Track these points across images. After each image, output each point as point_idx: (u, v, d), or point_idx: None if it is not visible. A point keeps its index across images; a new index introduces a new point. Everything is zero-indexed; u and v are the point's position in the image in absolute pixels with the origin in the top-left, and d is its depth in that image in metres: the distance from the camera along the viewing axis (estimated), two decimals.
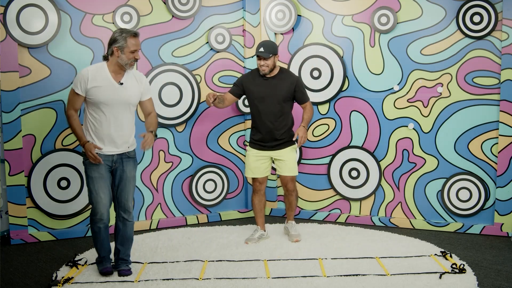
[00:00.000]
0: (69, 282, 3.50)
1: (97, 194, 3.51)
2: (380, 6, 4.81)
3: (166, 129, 4.96)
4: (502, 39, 4.47)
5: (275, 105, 4.26)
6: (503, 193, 4.56)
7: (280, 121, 4.29)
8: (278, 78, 4.29)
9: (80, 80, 3.45)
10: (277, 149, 4.34)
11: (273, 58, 4.21)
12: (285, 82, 4.28)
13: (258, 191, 4.47)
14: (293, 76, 4.35)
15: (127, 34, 3.46)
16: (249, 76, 4.41)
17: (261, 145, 4.35)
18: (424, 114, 4.78)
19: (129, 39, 3.45)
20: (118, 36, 3.46)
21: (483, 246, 4.31)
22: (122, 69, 3.52)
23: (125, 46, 3.44)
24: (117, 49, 3.45)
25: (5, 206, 4.58)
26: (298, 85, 4.30)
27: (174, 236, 4.57)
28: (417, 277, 3.57)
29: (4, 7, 4.31)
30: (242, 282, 3.49)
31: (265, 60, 4.18)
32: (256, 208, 4.51)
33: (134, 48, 3.47)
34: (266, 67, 4.20)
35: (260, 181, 4.43)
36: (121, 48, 3.44)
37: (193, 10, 4.92)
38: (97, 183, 3.51)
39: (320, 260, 3.89)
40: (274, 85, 4.27)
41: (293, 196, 4.52)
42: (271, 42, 4.29)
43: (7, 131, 4.40)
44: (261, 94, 4.28)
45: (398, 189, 4.93)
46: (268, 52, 4.16)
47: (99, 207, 3.53)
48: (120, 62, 3.48)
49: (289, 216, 4.60)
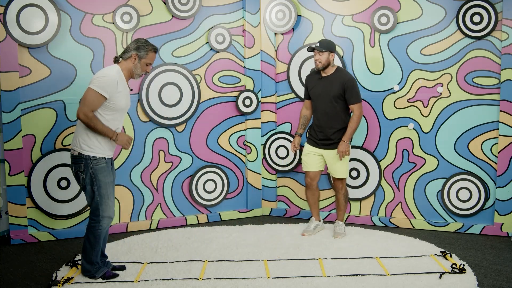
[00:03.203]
0: (69, 282, 3.50)
1: (108, 198, 3.51)
2: (380, 6, 4.81)
3: (166, 129, 4.96)
4: (502, 39, 4.47)
5: (328, 103, 4.38)
6: (503, 193, 4.56)
7: (332, 119, 4.39)
8: (332, 77, 4.39)
9: (109, 84, 3.37)
10: (328, 149, 4.45)
11: (327, 55, 4.31)
12: (337, 80, 4.37)
13: (310, 186, 4.61)
14: (346, 76, 4.40)
15: (151, 47, 3.53)
16: (310, 75, 4.59)
17: (314, 141, 4.50)
18: (424, 114, 4.78)
19: (150, 52, 3.53)
20: (141, 45, 3.50)
21: (483, 246, 4.31)
22: (131, 77, 3.56)
23: (144, 56, 3.50)
24: (136, 57, 3.48)
25: (5, 206, 4.58)
26: (348, 84, 4.34)
27: (174, 236, 4.57)
28: (417, 277, 3.57)
29: (4, 7, 4.31)
30: (242, 282, 3.49)
31: (319, 55, 4.30)
32: (310, 201, 4.68)
33: (150, 62, 3.55)
34: (319, 63, 4.33)
35: (312, 177, 4.56)
36: (140, 57, 3.49)
37: (193, 10, 4.92)
38: (109, 188, 3.51)
39: (320, 260, 3.89)
40: (328, 83, 4.38)
41: (341, 195, 4.58)
42: (328, 40, 4.39)
43: (7, 131, 4.41)
44: (317, 92, 4.43)
45: (398, 189, 4.94)
46: (322, 46, 4.29)
47: (111, 210, 3.53)
48: (133, 70, 3.51)
49: (337, 215, 4.67)
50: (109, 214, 3.53)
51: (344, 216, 4.68)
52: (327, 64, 4.34)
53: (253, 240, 4.42)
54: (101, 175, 3.46)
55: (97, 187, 3.46)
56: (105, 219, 3.53)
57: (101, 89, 3.34)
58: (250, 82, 5.19)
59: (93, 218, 3.54)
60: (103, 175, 3.47)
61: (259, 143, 5.29)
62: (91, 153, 3.43)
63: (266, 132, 5.31)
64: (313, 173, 4.55)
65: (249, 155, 5.28)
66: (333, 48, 4.34)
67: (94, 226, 3.53)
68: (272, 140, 5.30)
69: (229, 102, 5.18)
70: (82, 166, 3.44)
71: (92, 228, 3.54)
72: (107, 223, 3.57)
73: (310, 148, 4.54)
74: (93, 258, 3.56)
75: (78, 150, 3.44)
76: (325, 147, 4.45)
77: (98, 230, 3.53)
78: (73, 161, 3.49)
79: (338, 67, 4.45)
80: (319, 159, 4.52)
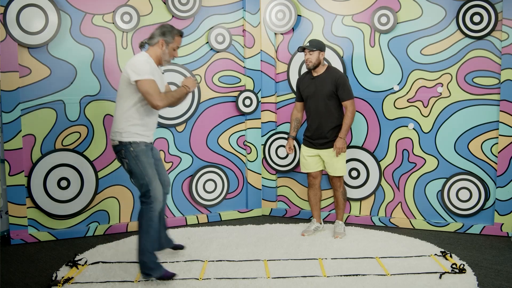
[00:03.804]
0: (69, 282, 3.50)
1: (155, 179, 3.49)
2: (380, 6, 4.81)
3: (166, 129, 4.96)
4: (502, 39, 4.47)
5: (321, 102, 4.40)
6: (503, 193, 4.56)
7: (326, 118, 4.41)
8: (324, 76, 4.42)
9: (151, 70, 3.41)
10: (324, 148, 4.46)
11: (318, 54, 4.35)
12: (329, 79, 4.40)
13: (312, 185, 4.62)
14: (337, 73, 4.44)
15: (176, 32, 3.57)
16: (301, 76, 4.61)
17: (310, 142, 4.52)
18: (424, 114, 4.78)
19: (177, 37, 3.56)
20: (167, 31, 3.53)
21: (483, 246, 4.31)
22: (159, 63, 3.58)
23: (171, 42, 3.54)
24: (163, 42, 3.52)
25: (5, 206, 4.58)
26: (340, 81, 4.38)
27: (174, 236, 4.56)
28: (417, 277, 3.56)
29: (4, 7, 4.31)
30: (242, 282, 3.49)
31: (309, 54, 4.33)
32: (311, 201, 4.67)
33: (177, 45, 3.58)
34: (310, 62, 4.36)
35: (314, 175, 4.58)
36: (167, 43, 3.53)
37: (193, 10, 4.92)
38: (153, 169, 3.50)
39: (320, 260, 3.89)
40: (320, 83, 4.41)
41: (339, 193, 4.59)
42: (318, 39, 4.42)
43: (7, 131, 4.41)
44: (310, 92, 4.45)
45: (398, 189, 4.93)
46: (313, 46, 4.32)
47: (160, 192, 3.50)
48: (162, 57, 3.54)
49: (336, 214, 4.67)
50: (159, 196, 3.47)
51: (343, 216, 4.67)
52: (317, 63, 4.38)
53: (253, 240, 4.42)
54: (143, 156, 3.47)
55: (143, 168, 3.45)
56: (157, 201, 3.46)
57: (150, 74, 3.39)
58: (250, 82, 5.19)
59: (144, 201, 3.48)
60: (145, 156, 3.48)
61: (259, 143, 5.29)
62: (131, 138, 3.45)
63: (266, 132, 5.31)
64: (315, 173, 4.57)
65: (249, 155, 5.28)
66: (322, 47, 4.38)
67: (146, 209, 3.45)
68: (272, 140, 5.30)
69: (229, 102, 5.18)
70: (123, 152, 3.48)
71: (145, 211, 3.45)
72: (159, 206, 3.49)
73: (307, 150, 4.55)
74: (148, 245, 3.42)
75: (117, 139, 3.48)
76: (321, 146, 4.46)
77: (150, 212, 3.44)
78: (115, 151, 3.56)
79: (329, 66, 4.49)
80: (317, 159, 4.53)
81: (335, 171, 4.49)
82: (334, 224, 4.65)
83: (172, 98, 3.51)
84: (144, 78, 3.35)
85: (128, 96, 3.47)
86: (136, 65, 3.39)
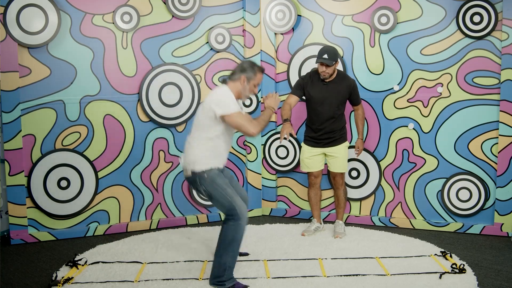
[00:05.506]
0: (69, 282, 3.50)
1: (236, 196, 3.44)
2: (380, 6, 4.81)
3: (166, 129, 4.96)
4: (502, 39, 4.47)
5: (333, 108, 4.40)
6: (503, 193, 4.56)
7: (336, 123, 4.45)
8: (336, 82, 4.42)
9: (233, 100, 3.43)
10: (330, 146, 4.48)
11: (335, 64, 4.31)
12: (342, 85, 4.40)
13: (313, 184, 4.62)
14: (350, 80, 4.46)
15: (258, 68, 3.55)
16: (308, 80, 4.50)
17: (315, 141, 4.51)
18: (424, 114, 4.78)
19: (258, 73, 3.55)
20: (248, 67, 3.52)
21: (483, 246, 4.31)
22: (238, 97, 3.56)
23: (252, 78, 3.52)
24: (245, 78, 3.50)
25: (5, 206, 4.58)
26: (354, 88, 4.45)
27: (174, 236, 4.57)
28: (417, 277, 3.57)
29: (4, 7, 4.31)
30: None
31: (328, 67, 4.28)
32: (312, 201, 4.67)
33: (258, 82, 3.57)
34: (327, 73, 4.33)
35: (315, 175, 4.58)
36: (249, 79, 3.51)
37: (193, 10, 4.92)
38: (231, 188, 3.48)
39: (320, 260, 3.89)
40: (333, 89, 4.40)
41: (341, 191, 4.60)
42: (333, 49, 4.32)
43: (7, 131, 4.41)
44: (321, 99, 4.41)
45: (398, 189, 4.93)
46: (332, 59, 4.25)
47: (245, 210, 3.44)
48: (242, 92, 3.53)
49: (337, 214, 4.68)
50: (245, 212, 3.41)
51: (344, 215, 4.67)
52: (333, 73, 4.38)
53: (253, 240, 4.42)
54: (218, 178, 3.44)
55: (222, 189, 3.42)
56: (244, 217, 3.40)
57: (235, 105, 3.40)
58: None
59: (232, 220, 3.39)
60: (220, 178, 3.46)
61: (259, 143, 5.29)
62: (203, 167, 3.42)
63: (266, 132, 5.31)
64: (317, 172, 4.58)
65: (249, 155, 5.28)
66: (339, 57, 4.38)
67: (233, 226, 3.37)
68: (272, 140, 5.30)
69: None
70: (198, 180, 3.44)
71: (232, 228, 3.38)
72: (245, 222, 3.43)
73: (311, 149, 4.53)
74: (230, 261, 3.40)
75: (190, 169, 3.45)
76: (329, 145, 4.47)
77: (238, 229, 3.37)
78: (189, 182, 3.54)
79: (338, 71, 4.47)
80: (321, 158, 4.54)
81: (340, 167, 4.51)
82: (334, 224, 4.65)
83: (263, 122, 3.51)
84: (232, 112, 3.37)
85: (208, 129, 3.45)
86: (221, 100, 3.39)
